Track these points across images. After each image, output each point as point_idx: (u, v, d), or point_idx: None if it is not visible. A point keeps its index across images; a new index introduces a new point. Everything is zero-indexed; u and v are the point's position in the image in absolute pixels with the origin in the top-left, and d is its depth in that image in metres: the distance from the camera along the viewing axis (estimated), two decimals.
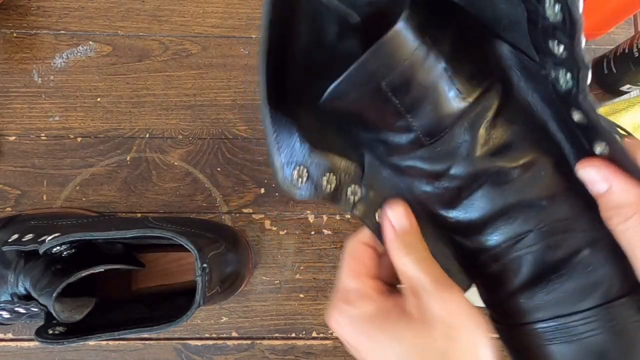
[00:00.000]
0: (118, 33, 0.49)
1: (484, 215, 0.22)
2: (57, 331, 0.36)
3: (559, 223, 0.21)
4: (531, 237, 0.22)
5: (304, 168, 0.21)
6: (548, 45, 0.19)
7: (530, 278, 0.22)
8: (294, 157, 0.21)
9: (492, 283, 0.23)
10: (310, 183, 0.22)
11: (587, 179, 0.20)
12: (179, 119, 0.48)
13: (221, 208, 0.48)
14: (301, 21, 0.22)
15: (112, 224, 0.41)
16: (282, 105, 0.22)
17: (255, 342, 0.47)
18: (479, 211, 0.22)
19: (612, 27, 0.47)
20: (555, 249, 0.21)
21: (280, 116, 0.21)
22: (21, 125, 0.47)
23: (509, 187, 0.22)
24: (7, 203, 0.47)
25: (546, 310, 0.21)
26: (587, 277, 0.21)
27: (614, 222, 0.20)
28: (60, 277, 0.35)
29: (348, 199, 0.23)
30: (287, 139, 0.21)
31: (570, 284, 0.21)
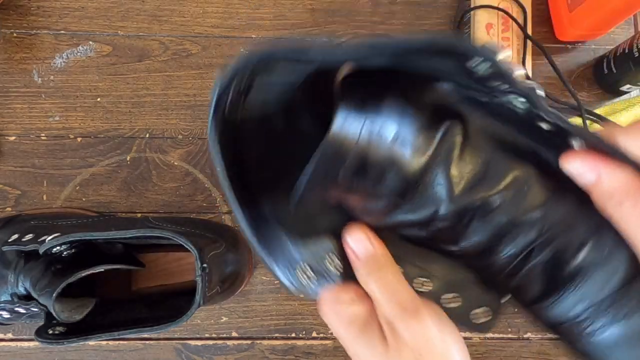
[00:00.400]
0: (118, 33, 0.49)
1: (487, 240, 0.23)
2: (57, 331, 0.36)
3: (560, 224, 0.22)
4: (539, 246, 0.22)
5: (305, 264, 0.22)
6: (490, 84, 0.19)
7: (550, 283, 0.22)
8: (291, 261, 0.22)
9: (522, 297, 0.23)
10: (318, 275, 0.22)
11: (574, 172, 0.20)
12: (179, 119, 0.48)
13: (221, 208, 0.48)
14: (246, 136, 0.23)
15: (112, 224, 0.41)
16: (260, 206, 0.22)
17: (255, 342, 0.47)
18: (481, 237, 0.23)
19: (612, 27, 0.47)
20: (564, 249, 0.21)
21: (265, 232, 0.22)
22: (21, 125, 0.47)
23: (498, 212, 0.22)
24: (7, 203, 0.47)
25: (578, 304, 0.21)
26: (604, 263, 0.21)
27: (609, 210, 0.20)
28: (60, 277, 0.35)
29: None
30: (278, 247, 0.22)
31: (591, 275, 0.21)
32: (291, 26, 0.49)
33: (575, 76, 0.50)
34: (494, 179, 0.22)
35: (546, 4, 0.50)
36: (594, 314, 0.21)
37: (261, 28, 0.49)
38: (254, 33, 0.49)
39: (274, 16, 0.50)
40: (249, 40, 0.49)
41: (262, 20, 0.49)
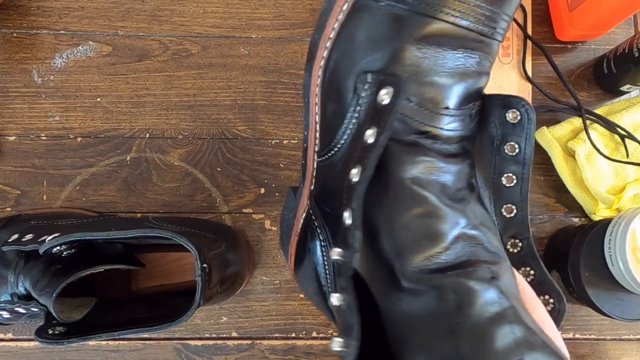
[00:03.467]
0: (118, 33, 0.49)
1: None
2: (57, 331, 0.36)
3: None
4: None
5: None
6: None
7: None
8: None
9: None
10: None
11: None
12: (179, 119, 0.48)
13: (221, 208, 0.48)
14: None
15: (112, 224, 0.41)
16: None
17: (255, 342, 0.47)
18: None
19: (612, 27, 0.47)
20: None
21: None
22: (21, 125, 0.47)
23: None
24: (7, 203, 0.47)
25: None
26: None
27: None
28: (60, 277, 0.35)
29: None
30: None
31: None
32: (291, 26, 0.50)
33: (575, 76, 0.50)
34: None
35: (546, 4, 0.50)
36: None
37: (261, 28, 0.49)
38: (254, 33, 0.49)
39: (274, 16, 0.50)
40: (249, 40, 0.49)
41: (262, 20, 0.49)
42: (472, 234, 0.23)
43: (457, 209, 0.23)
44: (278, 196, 0.48)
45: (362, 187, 0.22)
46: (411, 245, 0.22)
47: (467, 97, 0.24)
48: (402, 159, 0.23)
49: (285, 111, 0.49)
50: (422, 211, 0.22)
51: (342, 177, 0.24)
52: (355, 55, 0.23)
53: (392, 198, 0.23)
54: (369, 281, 0.24)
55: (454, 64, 0.23)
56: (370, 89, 0.23)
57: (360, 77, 0.23)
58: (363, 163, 0.22)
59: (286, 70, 0.49)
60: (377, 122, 0.22)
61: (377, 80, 0.22)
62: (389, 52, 0.22)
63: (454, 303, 0.21)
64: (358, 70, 0.23)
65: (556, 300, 0.25)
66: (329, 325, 0.47)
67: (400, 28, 0.22)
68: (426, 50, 0.22)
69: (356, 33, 0.23)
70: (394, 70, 0.22)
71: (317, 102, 0.26)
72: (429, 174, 0.23)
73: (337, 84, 0.24)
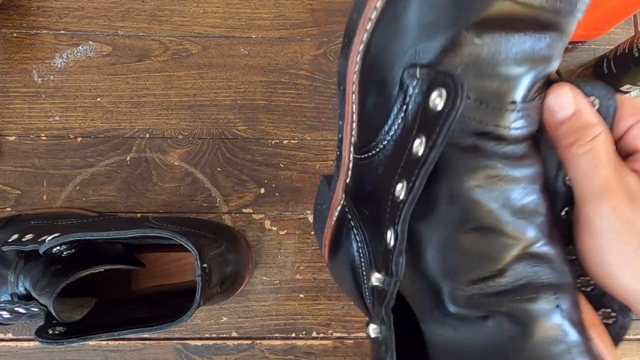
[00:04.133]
0: (118, 33, 0.49)
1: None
2: (57, 331, 0.36)
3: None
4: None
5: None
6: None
7: None
8: None
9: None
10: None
11: (556, 105, 0.20)
12: (179, 119, 0.48)
13: (221, 208, 0.48)
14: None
15: (112, 224, 0.41)
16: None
17: (255, 342, 0.47)
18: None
19: (612, 27, 0.47)
20: None
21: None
22: (21, 125, 0.47)
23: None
24: (7, 203, 0.47)
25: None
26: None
27: (579, 143, 0.20)
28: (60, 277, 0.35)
29: None
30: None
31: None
32: (291, 26, 0.50)
33: (575, 76, 0.50)
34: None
35: None
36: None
37: (261, 28, 0.49)
38: (254, 33, 0.49)
39: (274, 16, 0.50)
40: (249, 40, 0.49)
41: (262, 20, 0.49)
42: (538, 251, 0.19)
43: (522, 224, 0.19)
44: (278, 196, 0.48)
45: (409, 208, 0.19)
46: (462, 266, 0.19)
47: (536, 86, 0.20)
48: (458, 167, 0.19)
49: (285, 111, 0.49)
50: (478, 228, 0.19)
51: (384, 185, 0.21)
52: (402, 42, 0.20)
53: (443, 211, 0.20)
54: (410, 300, 0.21)
55: (520, 50, 0.19)
56: (419, 87, 0.19)
57: (408, 70, 0.20)
58: (410, 179, 0.19)
59: (286, 70, 0.49)
60: (428, 131, 0.18)
61: (429, 78, 0.19)
62: (443, 40, 0.19)
63: (510, 334, 0.18)
64: (406, 61, 0.20)
65: (620, 314, 0.22)
66: (329, 326, 0.47)
67: (458, 10, 0.18)
68: (487, 36, 0.18)
69: (404, 15, 0.19)
70: (449, 61, 0.19)
71: (354, 90, 0.23)
72: (491, 183, 0.19)
73: (379, 75, 0.21)
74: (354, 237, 0.25)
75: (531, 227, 0.19)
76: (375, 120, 0.22)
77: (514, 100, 0.19)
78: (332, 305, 0.47)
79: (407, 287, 0.21)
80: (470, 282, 0.19)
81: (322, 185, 0.29)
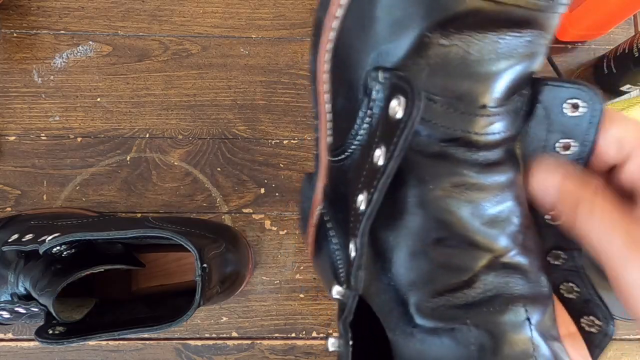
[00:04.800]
0: (118, 33, 0.49)
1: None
2: (57, 331, 0.36)
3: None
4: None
5: None
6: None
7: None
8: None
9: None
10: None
11: (540, 192, 0.20)
12: (179, 119, 0.48)
13: (221, 208, 0.48)
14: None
15: (112, 224, 0.41)
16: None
17: (255, 342, 0.47)
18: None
19: (612, 27, 0.47)
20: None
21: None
22: (21, 125, 0.47)
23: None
24: (7, 203, 0.47)
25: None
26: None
27: (581, 217, 0.18)
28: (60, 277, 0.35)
29: None
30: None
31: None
32: (291, 26, 0.49)
33: (575, 76, 0.50)
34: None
35: None
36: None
37: (261, 28, 0.49)
38: (254, 33, 0.49)
39: (274, 16, 0.50)
40: (249, 40, 0.49)
41: (262, 20, 0.49)
42: (510, 261, 0.19)
43: (493, 233, 0.19)
44: (278, 196, 0.48)
45: (367, 220, 0.18)
46: (429, 277, 0.19)
47: (512, 88, 0.19)
48: (424, 175, 0.18)
49: (285, 111, 0.49)
50: (446, 238, 0.18)
51: (351, 192, 0.20)
52: (366, 43, 0.19)
53: (409, 220, 0.19)
54: (377, 311, 0.21)
55: (494, 49, 0.18)
56: (382, 91, 0.18)
57: (370, 73, 0.19)
58: (369, 190, 0.18)
59: (286, 70, 0.49)
60: (388, 141, 0.17)
61: (389, 83, 0.18)
62: (408, 41, 0.18)
63: (477, 347, 0.17)
64: (370, 63, 0.19)
65: (604, 322, 0.21)
66: (329, 326, 0.47)
67: (424, 9, 0.17)
68: (456, 36, 0.17)
69: (368, 13, 0.18)
70: (414, 64, 0.18)
71: (325, 90, 0.22)
72: (459, 192, 0.18)
73: (346, 75, 0.20)
74: (330, 239, 0.24)
75: (503, 237, 0.19)
76: (343, 123, 0.21)
77: (484, 105, 0.18)
78: (332, 305, 0.47)
79: (375, 298, 0.21)
80: (437, 294, 0.18)
81: (304, 183, 0.28)
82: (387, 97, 0.18)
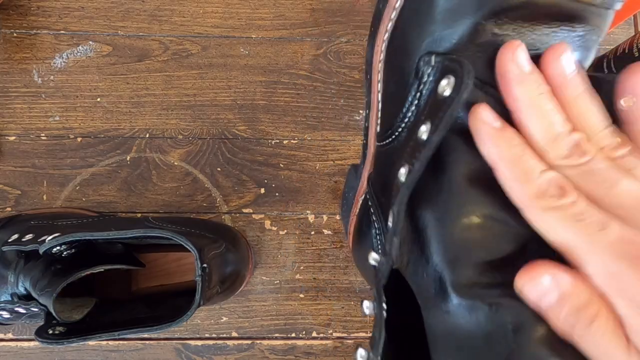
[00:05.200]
0: (118, 33, 0.49)
1: None
2: (57, 331, 0.36)
3: None
4: None
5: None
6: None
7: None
8: None
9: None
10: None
11: (535, 296, 0.17)
12: (179, 119, 0.48)
13: (221, 208, 0.48)
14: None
15: (112, 224, 0.41)
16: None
17: (255, 342, 0.47)
18: None
19: (612, 27, 0.47)
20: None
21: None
22: (21, 125, 0.47)
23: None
24: (7, 203, 0.47)
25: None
26: None
27: (579, 331, 0.16)
28: (60, 277, 0.35)
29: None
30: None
31: None
32: (291, 26, 0.50)
33: None
34: None
35: None
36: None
37: (261, 28, 0.49)
38: (254, 33, 0.49)
39: (274, 16, 0.50)
40: (249, 40, 0.49)
41: (262, 20, 0.49)
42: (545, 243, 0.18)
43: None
44: (278, 196, 0.48)
45: (406, 190, 0.19)
46: (465, 255, 0.19)
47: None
48: (463, 154, 0.19)
49: (285, 111, 0.49)
50: (481, 216, 0.19)
51: (394, 171, 0.21)
52: (422, 30, 0.20)
53: (447, 199, 0.19)
54: (415, 289, 0.21)
55: (546, 41, 0.18)
56: (433, 74, 0.19)
57: (423, 57, 0.20)
58: (411, 163, 0.19)
59: (286, 70, 0.49)
60: (434, 117, 0.18)
61: (441, 65, 0.19)
62: (462, 28, 0.18)
63: (511, 326, 0.17)
64: (423, 49, 0.20)
65: None
66: (329, 326, 0.47)
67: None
68: (509, 26, 0.18)
69: (425, 4, 0.19)
70: (466, 50, 0.18)
71: (379, 79, 0.23)
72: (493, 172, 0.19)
73: (400, 62, 0.21)
74: (373, 224, 0.25)
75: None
76: (392, 108, 0.22)
77: None
78: (332, 305, 0.47)
79: (413, 277, 0.21)
80: (472, 272, 0.18)
81: (349, 174, 0.29)
82: (437, 78, 0.19)
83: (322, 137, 0.49)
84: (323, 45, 0.49)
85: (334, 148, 0.49)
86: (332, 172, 0.48)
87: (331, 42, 0.50)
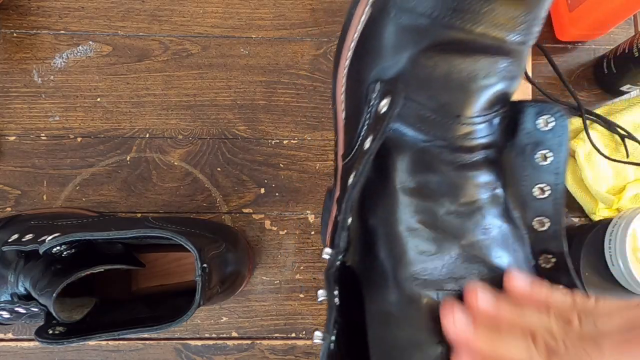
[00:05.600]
0: (118, 33, 0.49)
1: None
2: (57, 331, 0.36)
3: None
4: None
5: None
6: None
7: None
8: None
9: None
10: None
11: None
12: (179, 119, 0.48)
13: (221, 208, 0.48)
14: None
15: (112, 224, 0.41)
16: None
17: (255, 342, 0.47)
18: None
19: (612, 27, 0.47)
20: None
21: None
22: (21, 125, 0.47)
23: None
24: (7, 203, 0.47)
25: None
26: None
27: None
28: (60, 277, 0.35)
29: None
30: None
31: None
32: (291, 26, 0.50)
33: (575, 76, 0.50)
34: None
35: None
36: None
37: (261, 28, 0.49)
38: (254, 33, 0.49)
39: (274, 16, 0.50)
40: (249, 40, 0.49)
41: (262, 20, 0.49)
42: (475, 250, 0.22)
43: (461, 224, 0.22)
44: (278, 196, 0.48)
45: (353, 191, 0.22)
46: (404, 255, 0.23)
47: (489, 104, 0.22)
48: (406, 167, 0.23)
49: (285, 111, 0.49)
50: (417, 222, 0.22)
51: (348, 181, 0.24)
52: (370, 63, 0.24)
53: (390, 206, 0.23)
54: (364, 284, 0.25)
55: (472, 70, 0.22)
56: (377, 97, 0.23)
57: (370, 85, 0.24)
58: (357, 168, 0.23)
59: (286, 70, 0.49)
60: (374, 130, 0.22)
61: (383, 89, 0.23)
62: (402, 59, 0.22)
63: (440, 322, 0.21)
64: (371, 78, 0.24)
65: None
66: None
67: (417, 36, 0.22)
68: (441, 57, 0.22)
69: (372, 42, 0.23)
70: (405, 78, 0.22)
71: (343, 108, 0.27)
72: (435, 183, 0.22)
73: (356, 90, 0.25)
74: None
75: (471, 226, 0.22)
76: (352, 131, 0.26)
77: (462, 114, 0.22)
78: None
79: (364, 272, 0.25)
80: (409, 270, 0.22)
81: (326, 198, 0.33)
82: (379, 100, 0.23)
83: (322, 137, 0.49)
84: (323, 45, 0.49)
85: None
86: (332, 172, 0.48)
87: (331, 42, 0.50)
